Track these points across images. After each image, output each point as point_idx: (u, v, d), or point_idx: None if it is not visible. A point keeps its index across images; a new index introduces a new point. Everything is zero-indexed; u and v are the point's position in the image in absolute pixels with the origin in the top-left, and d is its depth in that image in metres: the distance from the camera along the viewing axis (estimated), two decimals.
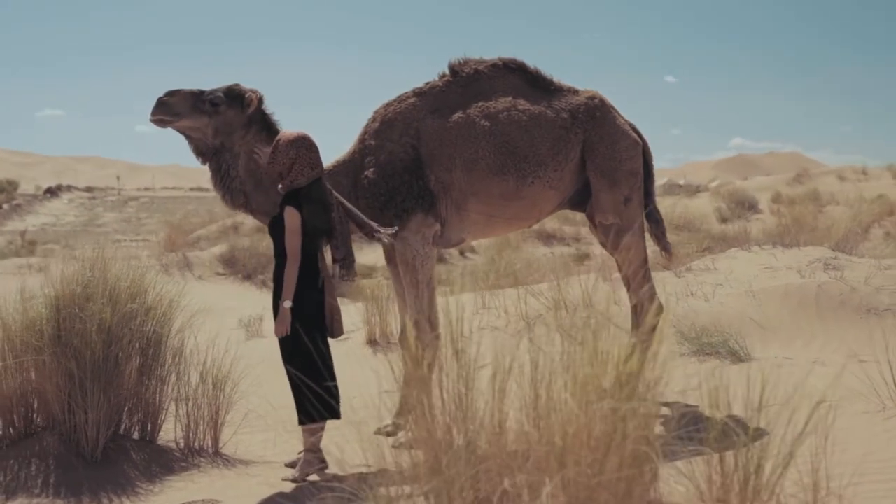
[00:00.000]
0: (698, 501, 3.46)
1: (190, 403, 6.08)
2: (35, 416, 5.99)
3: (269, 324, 9.86)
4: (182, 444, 6.09)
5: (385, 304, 10.16)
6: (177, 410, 6.16)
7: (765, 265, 10.82)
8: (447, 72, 6.46)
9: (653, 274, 10.93)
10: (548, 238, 32.96)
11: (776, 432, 3.51)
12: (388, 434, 6.46)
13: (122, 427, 6.04)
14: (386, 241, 5.87)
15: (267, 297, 14.40)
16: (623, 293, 7.44)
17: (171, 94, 5.97)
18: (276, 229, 5.55)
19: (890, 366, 5.83)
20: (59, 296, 5.91)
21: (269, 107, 6.20)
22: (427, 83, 6.46)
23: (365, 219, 5.83)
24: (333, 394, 5.56)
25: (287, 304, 5.39)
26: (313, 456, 5.48)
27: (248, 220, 26.79)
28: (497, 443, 3.42)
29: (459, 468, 3.35)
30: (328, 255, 5.86)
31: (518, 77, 6.43)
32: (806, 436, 3.49)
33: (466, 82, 6.38)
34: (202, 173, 6.40)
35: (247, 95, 6.03)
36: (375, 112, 6.41)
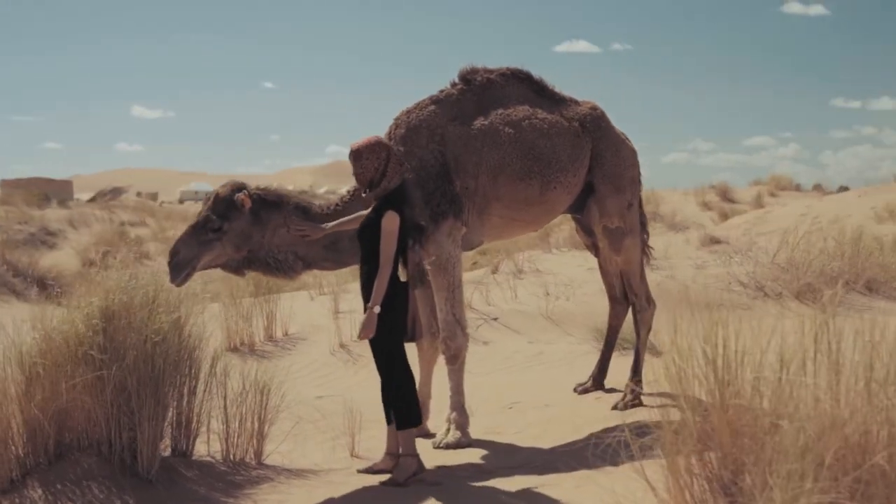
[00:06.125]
0: None
1: (232, 412, 5.81)
2: (66, 435, 5.43)
3: None
4: (220, 458, 5.80)
5: (250, 309, 9.90)
6: (208, 423, 5.86)
7: (584, 266, 11.86)
8: (458, 80, 6.66)
9: (490, 277, 11.63)
10: None
11: None
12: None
13: None
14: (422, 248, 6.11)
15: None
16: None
17: (174, 252, 5.93)
18: (369, 234, 5.45)
19: None
20: (107, 306, 5.41)
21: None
22: (442, 91, 6.60)
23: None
24: (417, 398, 5.63)
25: (377, 308, 5.34)
26: (412, 459, 5.48)
27: None
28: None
29: None
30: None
31: (526, 86, 6.77)
32: None
33: (480, 90, 6.61)
34: None
35: (236, 199, 5.97)
36: (397, 119, 6.47)
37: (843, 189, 36.26)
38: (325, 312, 10.72)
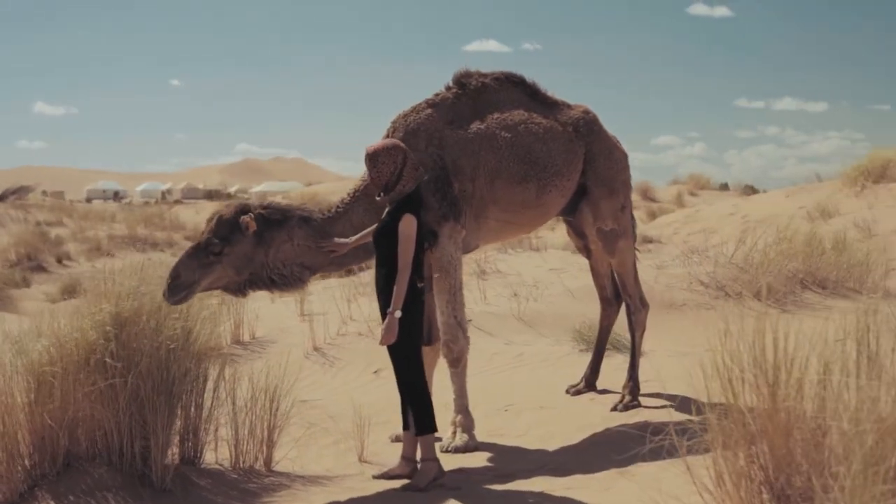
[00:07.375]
0: None
1: (242, 418, 5.71)
2: (74, 445, 5.28)
3: None
4: (229, 465, 5.71)
5: (216, 310, 9.70)
6: (215, 430, 5.75)
7: (544, 267, 11.95)
8: (452, 84, 6.65)
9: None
10: (142, 243, 31.95)
11: None
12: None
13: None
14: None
15: None
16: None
17: (174, 275, 5.70)
18: (386, 239, 5.41)
19: None
20: (119, 312, 5.28)
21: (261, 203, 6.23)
22: (437, 94, 6.59)
23: None
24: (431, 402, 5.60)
25: (398, 313, 5.31)
26: (433, 463, 5.45)
27: None
28: None
29: None
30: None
31: (520, 90, 6.79)
32: None
33: (475, 94, 6.61)
34: None
35: (241, 222, 5.88)
36: (394, 122, 6.44)
37: (749, 188, 37.09)
38: (290, 315, 10.60)
